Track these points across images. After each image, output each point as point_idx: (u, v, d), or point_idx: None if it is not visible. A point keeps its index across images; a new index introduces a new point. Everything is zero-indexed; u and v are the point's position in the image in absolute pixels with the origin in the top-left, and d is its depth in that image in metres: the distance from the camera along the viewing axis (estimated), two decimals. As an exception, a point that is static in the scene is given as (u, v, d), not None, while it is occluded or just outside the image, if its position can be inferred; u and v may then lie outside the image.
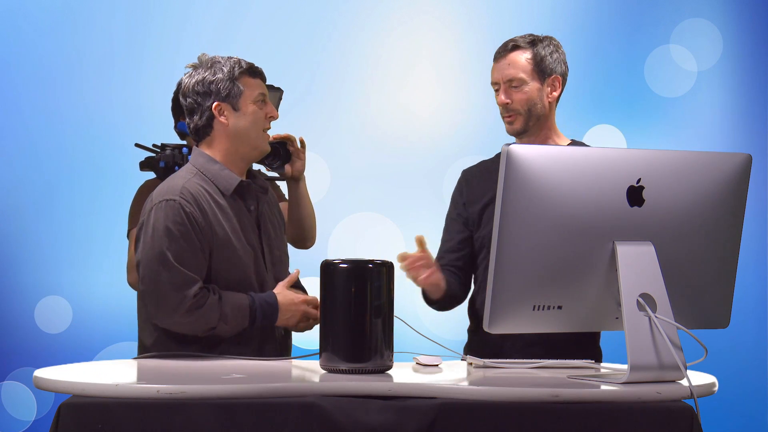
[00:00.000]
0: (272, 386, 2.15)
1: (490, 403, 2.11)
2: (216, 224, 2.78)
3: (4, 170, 4.37)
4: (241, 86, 2.85)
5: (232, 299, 2.76)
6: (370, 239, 4.46)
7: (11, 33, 4.40)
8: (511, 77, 2.95)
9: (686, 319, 2.28)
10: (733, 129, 4.59)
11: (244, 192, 2.89)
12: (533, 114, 2.95)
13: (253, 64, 2.91)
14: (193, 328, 2.73)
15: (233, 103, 2.85)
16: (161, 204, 2.76)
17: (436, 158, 4.48)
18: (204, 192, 2.81)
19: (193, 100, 2.86)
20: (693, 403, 2.13)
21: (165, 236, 2.72)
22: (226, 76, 2.84)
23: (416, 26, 4.57)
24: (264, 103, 2.89)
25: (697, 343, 2.24)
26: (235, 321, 2.74)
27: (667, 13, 4.59)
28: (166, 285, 2.70)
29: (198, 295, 2.70)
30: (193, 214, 2.75)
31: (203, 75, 2.86)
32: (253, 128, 2.87)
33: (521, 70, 2.95)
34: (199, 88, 2.85)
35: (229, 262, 2.79)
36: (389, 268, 2.34)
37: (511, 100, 2.95)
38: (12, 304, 4.33)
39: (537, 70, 2.95)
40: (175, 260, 2.70)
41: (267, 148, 2.92)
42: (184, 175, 2.85)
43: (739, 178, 2.31)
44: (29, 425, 4.27)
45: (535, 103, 2.95)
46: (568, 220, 2.18)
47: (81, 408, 2.09)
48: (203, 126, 2.86)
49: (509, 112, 2.96)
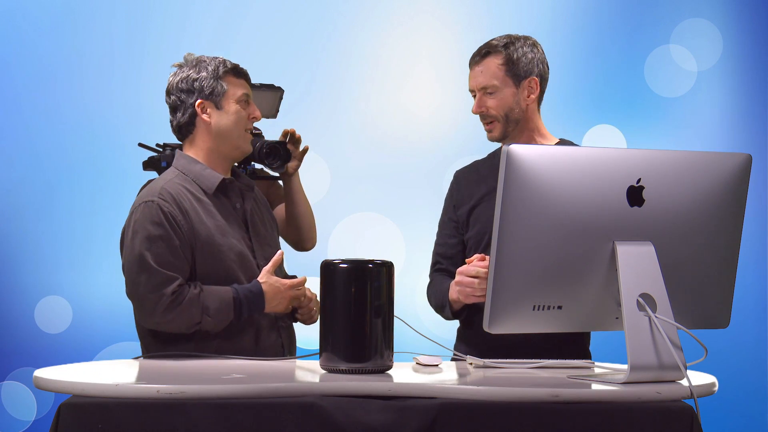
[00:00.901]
0: (272, 386, 2.15)
1: (490, 403, 2.11)
2: (198, 223, 2.80)
3: (4, 170, 4.37)
4: (225, 85, 2.88)
5: (215, 292, 2.76)
6: (370, 239, 4.46)
7: (11, 33, 4.40)
8: (484, 85, 2.94)
9: (686, 319, 2.28)
10: (733, 129, 4.59)
11: (228, 190, 2.90)
12: (511, 119, 2.93)
13: (237, 64, 2.93)
14: (177, 326, 2.74)
15: (216, 101, 2.88)
16: (140, 207, 2.80)
17: (436, 158, 4.47)
18: (185, 191, 2.84)
19: (176, 98, 2.90)
20: (693, 403, 2.13)
21: (144, 239, 2.75)
22: (210, 74, 2.88)
23: (416, 26, 4.57)
24: (247, 103, 2.92)
25: (697, 343, 2.24)
26: (220, 314, 2.75)
27: (667, 13, 4.58)
28: (145, 287, 2.72)
29: (176, 292, 2.71)
30: (171, 214, 2.77)
31: (188, 73, 2.90)
32: (235, 127, 2.89)
33: (493, 76, 2.93)
34: (183, 85, 2.89)
35: (214, 259, 2.81)
36: (389, 268, 2.34)
37: (486, 108, 2.93)
38: (12, 304, 4.33)
39: (510, 74, 2.93)
40: (154, 262, 2.72)
41: (249, 148, 2.95)
42: (165, 176, 2.90)
43: (739, 178, 2.31)
44: (29, 425, 4.27)
45: (512, 108, 2.93)
46: (568, 220, 2.18)
47: (81, 408, 2.09)
48: (186, 123, 2.90)
49: (486, 120, 2.95)
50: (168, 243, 2.74)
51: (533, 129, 2.97)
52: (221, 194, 2.89)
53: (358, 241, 4.45)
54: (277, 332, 2.89)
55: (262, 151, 3.14)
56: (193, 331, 2.75)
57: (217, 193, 2.88)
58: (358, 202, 4.49)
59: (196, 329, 2.75)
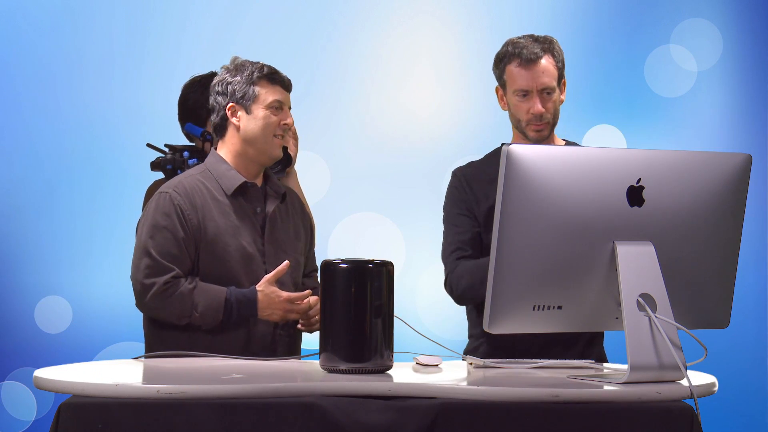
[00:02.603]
0: (272, 386, 2.15)
1: (490, 403, 2.11)
2: (208, 219, 2.84)
3: (4, 170, 4.36)
4: (257, 90, 2.92)
5: (208, 290, 2.81)
6: (370, 239, 4.46)
7: (11, 33, 4.39)
8: (545, 86, 2.87)
9: (686, 319, 2.28)
10: (733, 129, 4.59)
11: (249, 193, 2.91)
12: (556, 121, 2.92)
13: (277, 71, 2.96)
14: (166, 315, 2.81)
15: (246, 106, 2.92)
16: (155, 197, 2.89)
17: (436, 158, 4.47)
18: (202, 188, 2.88)
19: (213, 99, 2.97)
20: (693, 403, 2.13)
21: (151, 227, 2.83)
22: (244, 79, 2.93)
23: (416, 26, 4.56)
24: (279, 109, 2.92)
25: (697, 343, 2.24)
26: (208, 312, 2.79)
27: (667, 13, 4.58)
28: (142, 272, 2.80)
29: (169, 283, 2.78)
30: (181, 206, 2.83)
31: (225, 76, 2.96)
32: (261, 133, 2.91)
33: (553, 78, 2.87)
34: (219, 88, 2.95)
35: (217, 257, 2.84)
36: (389, 268, 2.34)
37: (546, 110, 2.87)
38: (12, 304, 4.33)
39: (559, 75, 2.91)
40: (155, 251, 2.80)
41: (278, 153, 2.97)
42: (191, 172, 2.96)
43: (739, 178, 2.31)
44: (29, 425, 4.27)
45: (558, 110, 2.91)
46: (568, 220, 2.18)
47: (81, 408, 2.09)
48: (218, 125, 2.96)
49: (542, 122, 2.88)
50: (173, 234, 2.81)
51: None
52: (241, 197, 2.91)
53: (358, 241, 4.45)
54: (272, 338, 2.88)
55: None
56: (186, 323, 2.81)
57: (236, 195, 2.90)
58: (358, 202, 4.49)
59: (188, 322, 2.80)
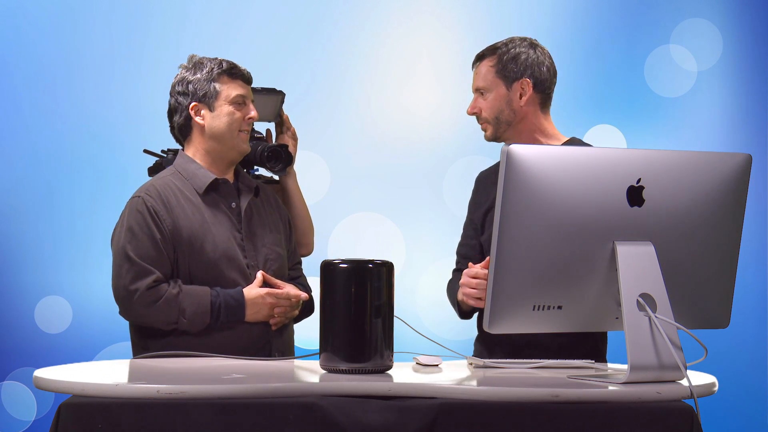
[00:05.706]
0: (272, 386, 2.15)
1: (490, 403, 2.11)
2: (182, 218, 2.84)
3: (4, 170, 4.36)
4: (218, 87, 2.91)
5: (194, 294, 2.79)
6: (370, 239, 4.46)
7: (11, 33, 4.39)
8: (477, 87, 2.98)
9: (686, 319, 2.28)
10: (733, 129, 4.59)
11: (221, 189, 2.91)
12: (501, 120, 2.94)
13: (236, 65, 2.93)
14: (152, 322, 2.79)
15: (209, 103, 2.91)
16: (128, 202, 2.88)
17: (436, 158, 4.47)
18: (174, 188, 2.88)
19: (174, 100, 2.94)
20: (693, 403, 2.13)
21: (126, 231, 2.82)
22: (204, 76, 2.91)
23: (416, 26, 4.56)
24: (242, 104, 2.91)
25: (697, 343, 2.24)
26: (196, 317, 2.78)
27: (667, 13, 4.58)
28: (124, 278, 2.78)
29: (152, 288, 2.76)
30: (154, 207, 2.82)
31: (184, 75, 2.93)
32: (227, 129, 2.91)
33: (483, 78, 2.96)
34: (179, 88, 2.93)
35: (195, 254, 2.83)
36: (389, 268, 2.34)
37: (478, 109, 2.97)
38: (12, 304, 4.33)
39: (501, 76, 2.94)
40: (135, 254, 2.78)
41: (246, 148, 2.96)
42: (161, 174, 2.96)
43: (739, 178, 2.31)
44: (29, 425, 4.27)
45: (502, 110, 2.94)
46: (568, 220, 2.18)
47: (81, 408, 2.09)
48: (182, 125, 2.95)
49: (479, 121, 2.99)
50: (149, 236, 2.80)
51: (533, 130, 2.95)
52: (214, 194, 2.91)
53: (358, 241, 4.45)
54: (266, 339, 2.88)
55: (264, 155, 3.13)
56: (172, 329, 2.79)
57: (209, 192, 2.90)
58: (358, 202, 4.49)
59: (175, 327, 2.78)
